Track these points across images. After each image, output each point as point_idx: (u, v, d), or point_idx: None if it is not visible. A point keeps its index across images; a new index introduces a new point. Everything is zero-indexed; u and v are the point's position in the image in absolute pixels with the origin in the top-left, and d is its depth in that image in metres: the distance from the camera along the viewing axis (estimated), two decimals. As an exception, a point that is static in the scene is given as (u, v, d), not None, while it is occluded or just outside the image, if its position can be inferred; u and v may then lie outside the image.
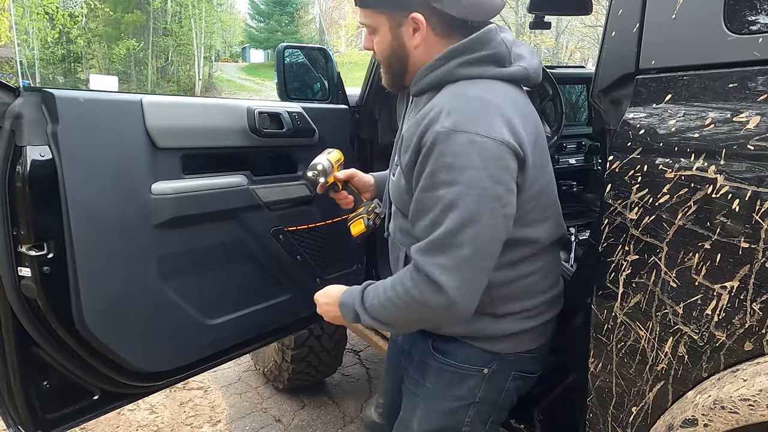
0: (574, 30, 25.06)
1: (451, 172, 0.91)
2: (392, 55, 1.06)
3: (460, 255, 0.92)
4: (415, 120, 0.99)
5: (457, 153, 0.90)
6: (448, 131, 0.91)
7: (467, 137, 0.90)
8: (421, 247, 0.95)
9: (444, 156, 0.91)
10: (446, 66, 1.00)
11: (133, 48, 25.40)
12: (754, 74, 0.83)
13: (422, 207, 0.96)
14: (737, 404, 0.79)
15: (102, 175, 1.23)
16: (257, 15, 36.08)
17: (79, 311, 1.21)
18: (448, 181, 0.91)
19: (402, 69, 1.07)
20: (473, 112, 0.93)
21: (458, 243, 0.91)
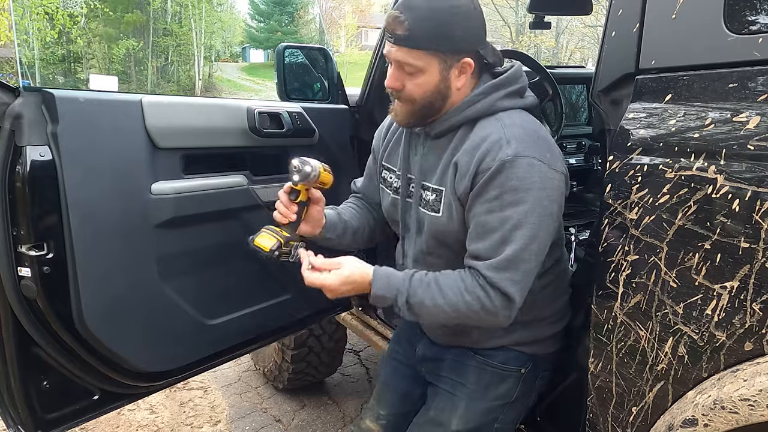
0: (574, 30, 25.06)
1: (517, 194, 1.00)
2: (436, 95, 1.09)
3: (526, 269, 1.03)
4: (466, 151, 1.07)
5: (521, 177, 1.00)
6: (512, 158, 1.00)
7: (528, 162, 1.00)
8: (494, 264, 1.02)
9: (510, 180, 1.00)
10: (487, 99, 1.09)
11: (133, 48, 25.40)
12: (754, 74, 0.83)
13: (488, 228, 1.03)
14: (737, 404, 0.79)
15: (102, 175, 1.23)
16: (257, 15, 36.07)
17: (79, 311, 1.21)
18: (515, 202, 1.00)
19: (439, 108, 1.11)
20: (529, 141, 1.03)
21: (526, 258, 1.02)
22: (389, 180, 1.29)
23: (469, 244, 1.07)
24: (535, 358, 1.24)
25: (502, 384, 1.22)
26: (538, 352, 1.24)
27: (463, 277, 1.06)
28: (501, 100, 1.09)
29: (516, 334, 1.22)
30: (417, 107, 1.11)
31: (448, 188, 1.10)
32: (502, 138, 1.03)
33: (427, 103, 1.10)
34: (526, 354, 1.23)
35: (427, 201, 1.15)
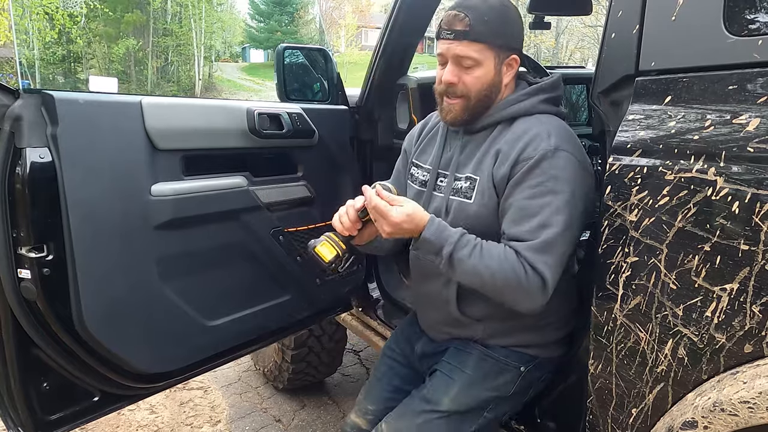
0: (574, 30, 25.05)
1: (557, 183, 1.07)
2: (490, 89, 1.17)
3: (560, 254, 1.07)
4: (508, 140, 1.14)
5: (561, 167, 1.08)
6: (554, 149, 1.08)
7: (568, 156, 1.09)
8: (533, 246, 1.06)
9: (552, 169, 1.07)
10: (530, 100, 1.18)
11: (133, 48, 25.39)
12: (754, 76, 0.83)
13: (528, 212, 1.08)
14: (737, 407, 0.79)
15: (102, 176, 1.23)
16: (257, 15, 36.04)
17: (79, 313, 1.21)
18: (555, 190, 1.07)
19: (490, 103, 1.19)
20: (567, 138, 1.12)
21: (561, 243, 1.07)
22: (416, 175, 1.35)
23: (509, 227, 1.10)
24: (537, 360, 1.25)
25: (500, 376, 1.24)
26: (541, 355, 1.25)
27: (506, 251, 1.09)
28: (541, 103, 1.18)
29: (520, 337, 1.23)
30: (472, 102, 1.17)
31: (485, 176, 1.16)
32: (542, 132, 1.11)
33: (483, 97, 1.17)
34: (529, 355, 1.24)
35: (459, 189, 1.20)
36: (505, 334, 1.24)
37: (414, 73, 2.04)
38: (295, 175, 1.70)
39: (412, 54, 1.96)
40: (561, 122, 1.17)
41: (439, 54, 1.18)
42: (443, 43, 1.15)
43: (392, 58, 1.85)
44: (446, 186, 1.23)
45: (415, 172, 1.35)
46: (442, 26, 1.15)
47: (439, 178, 1.27)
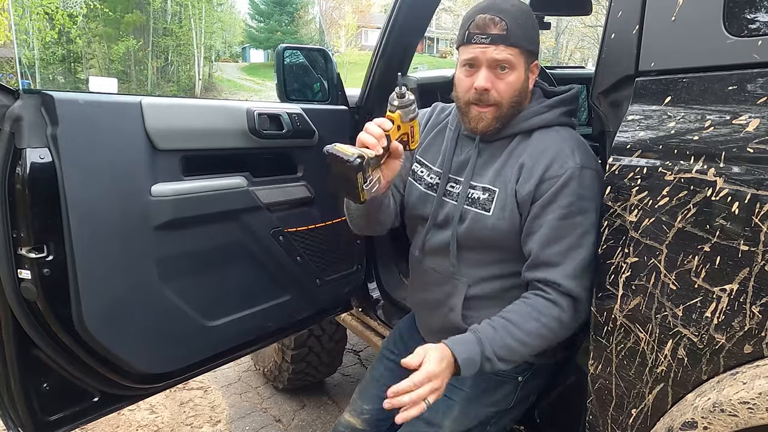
0: (574, 30, 25.05)
1: (585, 203, 1.06)
2: (521, 95, 1.15)
3: (592, 273, 1.06)
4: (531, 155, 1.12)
5: (588, 186, 1.07)
6: (580, 167, 1.07)
7: (592, 173, 1.08)
8: (569, 273, 1.06)
9: (581, 188, 1.07)
10: (552, 112, 1.17)
11: (133, 48, 25.39)
12: (754, 77, 0.83)
13: (559, 234, 1.07)
14: (737, 407, 0.79)
15: (102, 177, 1.23)
16: (257, 15, 36.03)
17: (79, 313, 1.21)
18: (584, 210, 1.06)
19: (520, 110, 1.16)
20: (587, 152, 1.12)
21: (592, 262, 1.05)
22: (420, 174, 1.30)
23: (539, 249, 1.08)
24: (534, 367, 1.24)
25: (499, 389, 1.22)
26: (537, 362, 1.24)
27: (529, 303, 1.07)
28: (561, 116, 1.17)
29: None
30: (504, 109, 1.14)
31: (507, 189, 1.13)
32: (565, 148, 1.10)
33: (514, 103, 1.14)
34: (526, 363, 1.22)
35: (476, 199, 1.17)
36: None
37: (414, 73, 2.05)
38: (295, 175, 1.70)
39: (412, 54, 1.96)
40: (578, 135, 1.17)
41: (469, 59, 1.11)
42: (476, 47, 1.09)
43: (392, 58, 1.85)
44: (460, 194, 1.19)
45: (418, 170, 1.30)
46: (472, 30, 1.09)
47: (450, 183, 1.23)
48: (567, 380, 1.30)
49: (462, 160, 1.22)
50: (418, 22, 1.84)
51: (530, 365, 1.23)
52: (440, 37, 39.48)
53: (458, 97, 1.17)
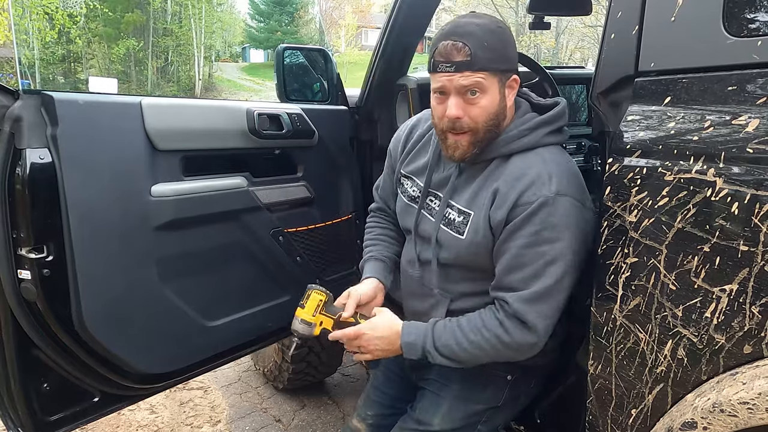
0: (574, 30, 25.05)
1: (554, 231, 1.03)
2: (497, 116, 1.10)
3: (555, 304, 1.06)
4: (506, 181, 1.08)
5: (561, 215, 1.03)
6: (554, 196, 1.03)
7: (569, 201, 1.04)
8: (524, 297, 1.05)
9: (551, 217, 1.03)
10: (533, 135, 1.11)
11: (133, 48, 25.39)
12: (753, 77, 0.83)
13: (522, 261, 1.05)
14: (736, 407, 0.79)
15: (101, 177, 1.23)
16: (257, 15, 36.03)
17: (79, 314, 1.21)
18: (552, 239, 1.03)
19: (498, 131, 1.11)
20: (568, 179, 1.07)
21: (556, 294, 1.05)
22: (406, 186, 1.30)
23: (503, 275, 1.09)
24: (523, 367, 1.23)
25: (487, 388, 1.23)
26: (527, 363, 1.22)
27: (482, 316, 1.11)
28: (545, 137, 1.12)
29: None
30: (481, 134, 1.09)
31: (481, 214, 1.10)
32: (543, 174, 1.06)
33: (491, 126, 1.09)
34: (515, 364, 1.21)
35: (451, 221, 1.16)
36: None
37: (414, 73, 2.04)
38: (295, 175, 1.70)
39: (412, 54, 1.96)
40: (562, 157, 1.12)
41: (438, 87, 1.08)
42: (443, 75, 1.06)
43: (392, 58, 1.85)
44: (438, 212, 1.19)
45: (405, 183, 1.31)
46: (437, 59, 1.05)
47: (429, 197, 1.23)
48: (567, 380, 1.30)
49: (443, 176, 1.20)
50: (418, 22, 1.84)
51: (519, 366, 1.21)
52: (440, 37, 39.26)
53: (435, 125, 1.15)
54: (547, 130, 1.12)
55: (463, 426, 1.23)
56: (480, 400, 1.23)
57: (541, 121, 1.12)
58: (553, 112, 1.14)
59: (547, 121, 1.13)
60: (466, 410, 1.23)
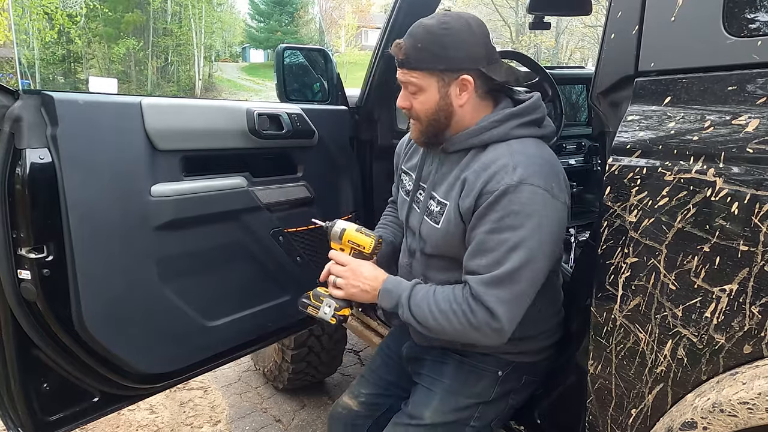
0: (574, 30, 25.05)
1: (517, 218, 1.04)
2: (439, 113, 1.14)
3: (517, 290, 1.05)
4: (475, 171, 1.10)
5: (524, 202, 1.03)
6: (517, 183, 1.04)
7: (533, 189, 1.04)
8: (484, 280, 1.06)
9: (512, 204, 1.04)
10: (503, 127, 1.13)
11: (133, 48, 25.38)
12: (753, 77, 0.83)
13: (485, 247, 1.06)
14: (736, 407, 0.79)
15: (101, 177, 1.23)
16: (257, 15, 36.01)
17: (79, 314, 1.22)
18: (514, 226, 1.04)
19: (445, 124, 1.16)
20: (535, 168, 1.06)
21: (517, 280, 1.05)
22: (404, 182, 1.36)
23: (467, 260, 1.10)
24: (514, 364, 1.26)
25: (479, 382, 1.25)
26: (517, 360, 1.26)
27: (455, 290, 1.12)
28: (516, 128, 1.13)
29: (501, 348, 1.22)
30: (424, 125, 1.17)
31: (453, 203, 1.14)
32: (509, 164, 1.06)
33: (432, 121, 1.15)
34: (506, 360, 1.25)
35: (432, 211, 1.20)
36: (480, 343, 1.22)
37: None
38: (295, 175, 1.70)
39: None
40: (535, 150, 1.11)
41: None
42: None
43: (392, 58, 1.85)
44: (422, 203, 1.24)
45: (404, 179, 1.37)
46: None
47: (419, 190, 1.27)
48: (567, 380, 1.30)
49: (430, 169, 1.25)
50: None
51: (510, 362, 1.25)
52: (440, 37, 39.25)
53: None
54: (517, 122, 1.13)
55: (454, 421, 1.24)
56: (471, 394, 1.24)
57: (511, 113, 1.14)
58: (524, 105, 1.15)
59: (517, 113, 1.14)
60: (457, 404, 1.24)
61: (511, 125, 1.13)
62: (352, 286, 1.21)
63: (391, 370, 1.45)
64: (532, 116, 1.15)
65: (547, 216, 1.05)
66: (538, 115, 1.16)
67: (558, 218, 1.07)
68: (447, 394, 1.24)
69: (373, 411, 1.42)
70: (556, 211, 1.06)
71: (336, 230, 1.26)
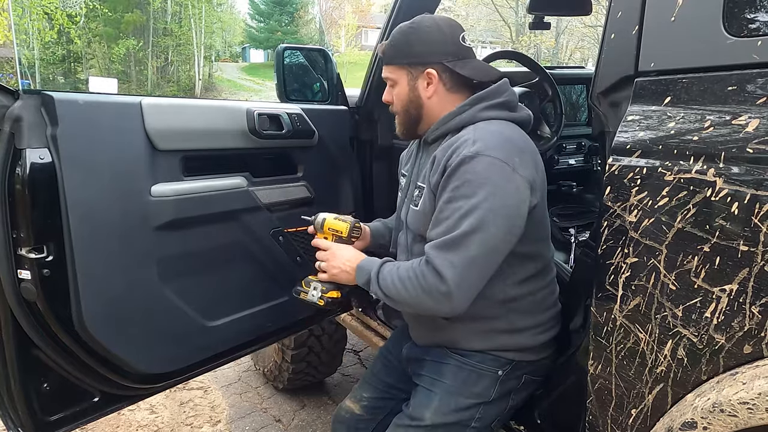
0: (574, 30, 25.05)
1: (470, 187, 1.07)
2: (409, 104, 1.25)
3: (466, 255, 1.07)
4: (442, 148, 1.17)
5: (478, 172, 1.07)
6: (474, 154, 1.08)
7: (489, 160, 1.08)
8: (436, 244, 1.10)
9: (467, 173, 1.08)
10: (471, 110, 1.19)
11: (133, 48, 25.37)
12: (753, 77, 0.83)
13: (442, 216, 1.11)
14: (736, 407, 0.79)
15: (101, 177, 1.23)
16: (257, 15, 35.99)
17: (79, 314, 1.21)
18: (468, 194, 1.07)
19: (417, 117, 1.26)
20: (494, 142, 1.11)
21: (466, 244, 1.06)
22: (401, 183, 1.42)
23: (429, 230, 1.15)
24: (514, 363, 1.26)
25: (478, 382, 1.25)
26: (516, 358, 1.26)
27: (415, 261, 1.17)
28: (483, 111, 1.18)
29: (496, 340, 1.24)
30: (401, 118, 1.28)
31: (427, 184, 1.20)
32: (470, 138, 1.12)
33: (405, 112, 1.27)
34: (506, 359, 1.25)
35: (414, 196, 1.27)
36: (481, 337, 1.24)
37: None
38: (295, 175, 1.70)
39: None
40: (501, 128, 1.16)
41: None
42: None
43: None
44: (409, 194, 1.31)
45: (401, 181, 1.42)
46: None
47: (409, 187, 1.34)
48: (567, 380, 1.30)
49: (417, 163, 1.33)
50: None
51: (510, 361, 1.25)
52: (440, 37, 39.23)
53: None
54: (484, 104, 1.19)
55: (455, 422, 1.24)
56: (471, 394, 1.24)
57: (477, 96, 1.20)
58: (489, 88, 1.21)
59: (483, 96, 1.20)
60: (457, 404, 1.24)
61: (479, 108, 1.18)
62: (333, 267, 1.29)
63: (392, 373, 1.46)
64: (499, 99, 1.19)
65: (502, 187, 1.07)
66: (507, 98, 1.20)
67: (515, 191, 1.09)
68: (447, 395, 1.25)
69: (375, 414, 1.44)
70: (514, 184, 1.08)
71: (318, 221, 1.38)
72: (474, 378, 1.25)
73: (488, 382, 1.25)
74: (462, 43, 1.22)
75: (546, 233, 1.26)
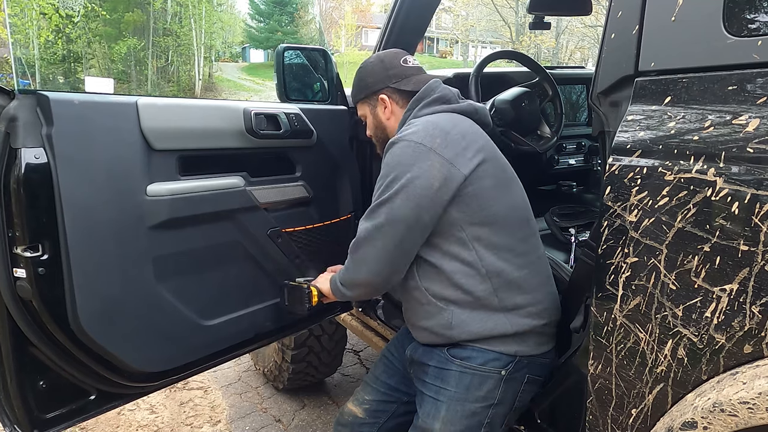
0: (574, 30, 25.07)
1: (386, 168, 1.22)
2: (376, 129, 1.45)
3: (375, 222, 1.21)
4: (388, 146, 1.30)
5: (395, 153, 1.21)
6: (394, 140, 1.24)
7: (404, 144, 1.21)
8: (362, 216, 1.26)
9: (386, 158, 1.24)
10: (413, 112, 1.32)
11: (134, 47, 25.37)
12: (754, 77, 0.83)
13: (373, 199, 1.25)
14: (736, 407, 0.79)
15: (97, 176, 1.23)
16: (257, 15, 35.98)
17: (74, 312, 1.21)
18: (383, 175, 1.22)
19: (385, 137, 1.42)
20: (419, 129, 1.22)
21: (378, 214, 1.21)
22: None
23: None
24: (516, 360, 1.25)
25: (483, 385, 1.24)
26: (519, 352, 1.25)
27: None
28: (421, 109, 1.31)
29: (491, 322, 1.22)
30: (376, 141, 1.48)
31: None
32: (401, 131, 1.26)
33: (376, 137, 1.47)
34: (507, 355, 1.24)
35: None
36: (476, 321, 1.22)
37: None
38: (293, 175, 1.69)
39: (412, 54, 1.95)
40: (435, 117, 1.26)
41: None
42: None
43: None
44: None
45: None
46: None
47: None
48: (567, 380, 1.30)
49: None
50: (418, 22, 1.84)
51: (512, 358, 1.24)
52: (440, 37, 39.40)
53: None
54: (421, 104, 1.31)
55: (465, 428, 1.24)
56: (477, 398, 1.24)
57: (414, 100, 1.33)
58: (421, 90, 1.33)
59: (418, 98, 1.32)
60: (464, 411, 1.24)
61: (417, 108, 1.31)
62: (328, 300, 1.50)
63: (394, 375, 1.47)
64: (432, 96, 1.30)
65: (411, 165, 1.18)
66: (438, 93, 1.31)
67: (428, 168, 1.17)
68: (453, 402, 1.25)
69: (377, 417, 1.46)
70: (431, 161, 1.17)
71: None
72: (477, 382, 1.24)
73: (492, 383, 1.24)
74: (404, 65, 1.39)
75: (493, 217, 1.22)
